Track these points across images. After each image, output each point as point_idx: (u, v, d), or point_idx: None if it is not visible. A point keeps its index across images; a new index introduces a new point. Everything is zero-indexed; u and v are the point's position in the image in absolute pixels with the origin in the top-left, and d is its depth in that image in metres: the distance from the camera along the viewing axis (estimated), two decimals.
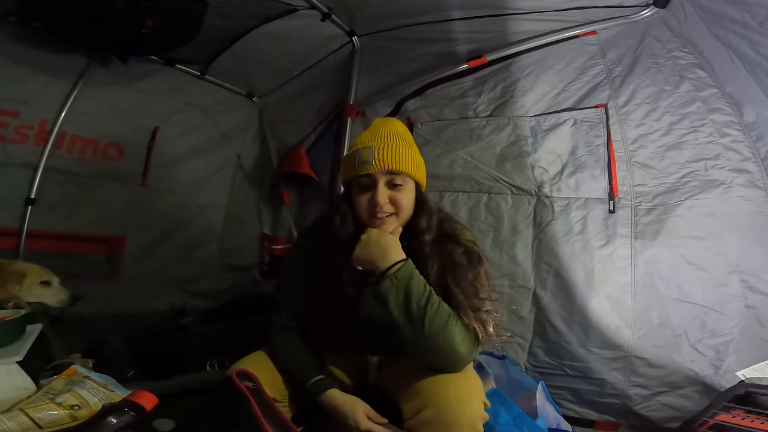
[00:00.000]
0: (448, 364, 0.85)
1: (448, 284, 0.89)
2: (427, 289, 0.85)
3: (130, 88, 2.32)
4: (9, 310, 1.11)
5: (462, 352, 0.83)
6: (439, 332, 0.82)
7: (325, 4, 2.06)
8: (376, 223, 0.93)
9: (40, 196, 2.08)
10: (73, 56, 2.07)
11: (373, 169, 0.91)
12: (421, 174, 0.98)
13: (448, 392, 0.82)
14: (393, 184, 0.93)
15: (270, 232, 2.81)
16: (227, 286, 2.80)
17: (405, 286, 0.83)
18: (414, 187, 0.97)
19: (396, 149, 0.92)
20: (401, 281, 0.83)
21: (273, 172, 2.80)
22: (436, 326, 0.82)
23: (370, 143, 0.93)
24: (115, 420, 0.67)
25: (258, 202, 2.88)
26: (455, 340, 0.83)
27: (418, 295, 0.83)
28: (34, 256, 1.87)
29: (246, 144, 2.92)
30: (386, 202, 0.92)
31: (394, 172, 0.92)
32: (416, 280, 0.84)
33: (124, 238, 2.41)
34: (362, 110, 2.35)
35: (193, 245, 2.71)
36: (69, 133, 2.16)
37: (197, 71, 2.51)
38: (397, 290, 0.83)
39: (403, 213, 0.94)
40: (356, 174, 0.93)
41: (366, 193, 0.94)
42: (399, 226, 0.95)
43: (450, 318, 0.83)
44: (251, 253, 2.84)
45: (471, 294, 0.89)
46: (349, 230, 0.96)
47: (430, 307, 0.82)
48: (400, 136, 0.98)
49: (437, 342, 0.82)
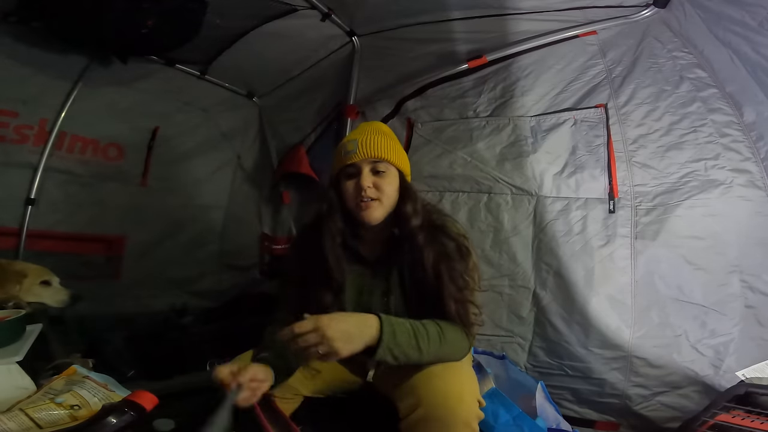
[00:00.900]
0: (449, 361, 0.91)
1: (442, 275, 0.94)
2: (409, 329, 0.86)
3: (130, 88, 2.32)
4: (9, 310, 1.12)
5: (459, 351, 0.92)
6: (437, 350, 0.87)
7: (325, 4, 2.06)
8: (361, 206, 0.97)
9: (40, 196, 2.08)
10: (73, 56, 2.07)
11: (357, 158, 0.98)
12: (404, 163, 1.04)
13: (442, 390, 0.83)
14: (376, 171, 0.99)
15: (270, 232, 2.81)
16: (227, 286, 2.80)
17: (395, 345, 0.83)
18: (397, 174, 1.02)
19: (378, 140, 1.00)
20: (388, 344, 0.82)
21: (273, 172, 2.80)
22: (433, 348, 0.87)
23: (354, 137, 1.01)
24: (115, 420, 0.67)
25: (258, 202, 2.88)
26: (452, 347, 0.90)
27: (407, 339, 0.85)
28: (34, 256, 1.87)
29: (246, 144, 2.92)
30: (370, 185, 0.97)
31: (376, 160, 0.98)
32: (398, 330, 0.84)
33: (124, 238, 2.41)
34: (362, 110, 2.34)
35: (193, 245, 2.71)
36: (69, 133, 2.16)
37: (197, 71, 2.51)
38: (392, 352, 0.83)
39: (386, 198, 0.99)
40: (343, 164, 1.00)
41: (352, 180, 0.99)
42: (384, 212, 0.99)
43: (441, 333, 0.88)
44: (251, 253, 2.84)
45: (462, 286, 0.94)
46: (337, 219, 1.00)
47: (422, 340, 0.86)
48: (382, 132, 1.05)
49: (438, 357, 0.89)
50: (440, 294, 0.92)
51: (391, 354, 0.83)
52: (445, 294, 0.92)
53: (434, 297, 0.94)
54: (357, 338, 0.80)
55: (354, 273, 1.02)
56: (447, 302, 0.92)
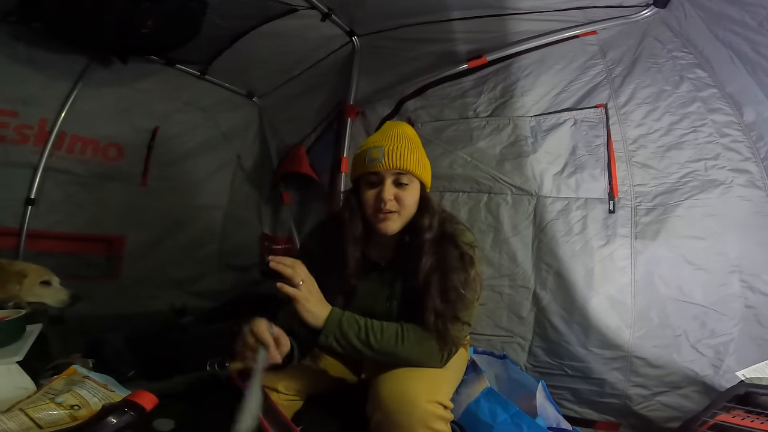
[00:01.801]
0: (418, 367, 0.92)
1: (430, 286, 0.94)
2: (362, 324, 0.92)
3: (130, 88, 2.32)
4: (9, 310, 1.12)
5: (425, 359, 0.92)
6: (393, 350, 0.91)
7: (325, 4, 2.06)
8: (380, 218, 0.96)
9: (40, 196, 2.08)
10: (73, 56, 2.07)
11: (382, 167, 0.95)
12: (427, 175, 1.03)
13: (396, 394, 0.84)
14: (399, 183, 0.97)
15: (270, 232, 2.81)
16: (227, 286, 2.79)
17: (341, 334, 0.90)
18: (419, 186, 1.01)
19: (405, 150, 0.97)
20: (331, 330, 0.90)
21: (273, 172, 2.80)
22: (386, 348, 0.90)
23: (381, 143, 0.98)
24: (115, 420, 0.67)
25: (258, 202, 2.89)
26: (410, 352, 0.91)
27: (356, 331, 0.91)
28: (34, 256, 1.87)
29: (246, 144, 2.92)
30: (392, 198, 0.96)
31: (401, 171, 0.96)
32: (345, 321, 0.91)
33: (124, 238, 2.41)
34: (362, 110, 2.35)
35: (193, 245, 2.71)
36: (69, 133, 2.15)
37: (197, 71, 2.51)
38: (336, 340, 0.90)
39: (405, 211, 0.98)
40: (366, 171, 0.98)
41: (373, 189, 0.98)
42: (401, 223, 0.98)
43: (398, 336, 0.91)
44: (251, 253, 2.84)
45: (452, 298, 0.93)
46: (358, 224, 1.00)
47: (372, 336, 0.90)
48: (409, 139, 1.03)
49: (396, 357, 0.91)
50: (424, 303, 0.93)
51: (336, 342, 0.90)
52: (428, 305, 0.92)
53: (419, 304, 0.94)
54: (311, 303, 0.88)
55: (364, 277, 1.03)
56: (428, 314, 0.92)
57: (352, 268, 0.99)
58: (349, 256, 0.99)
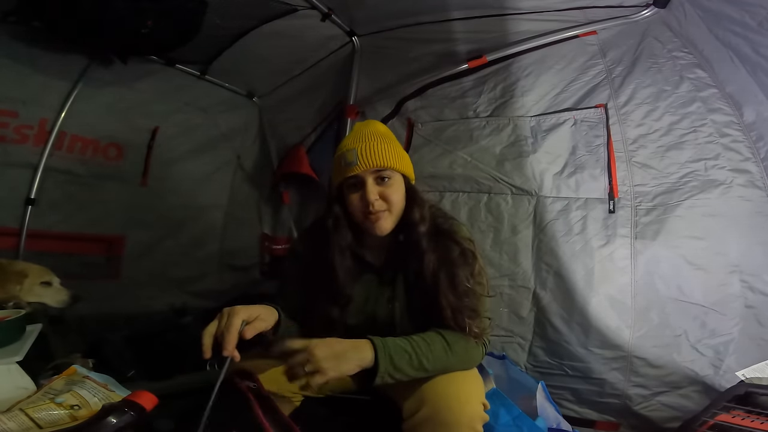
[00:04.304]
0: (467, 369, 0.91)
1: (440, 282, 0.92)
2: (410, 350, 0.84)
3: (130, 88, 2.32)
4: (9, 310, 1.12)
5: (470, 360, 0.91)
6: (445, 364, 0.87)
7: (325, 4, 2.06)
8: (371, 220, 0.94)
9: (40, 196, 2.08)
10: (73, 56, 2.07)
11: (359, 169, 0.93)
12: (407, 167, 1.01)
13: (447, 392, 0.83)
14: (381, 180, 0.95)
15: (270, 232, 2.81)
16: (227, 286, 2.79)
17: (394, 369, 0.82)
18: (402, 180, 0.99)
19: (378, 147, 0.95)
20: (386, 370, 0.81)
21: (273, 172, 2.80)
22: (440, 365, 0.86)
23: (353, 145, 0.96)
24: (115, 420, 0.67)
25: (258, 202, 2.88)
26: (460, 358, 0.88)
27: (408, 361, 0.83)
28: (34, 256, 1.86)
29: (246, 144, 2.92)
30: (377, 198, 0.94)
31: (379, 169, 0.94)
32: (395, 354, 0.82)
33: (123, 238, 2.41)
34: (362, 110, 2.34)
35: (193, 245, 2.71)
36: (69, 133, 2.15)
37: (197, 71, 2.51)
38: (392, 376, 0.82)
39: (395, 207, 0.96)
40: (344, 176, 0.96)
41: (356, 192, 0.96)
42: (393, 221, 0.97)
43: (447, 346, 0.87)
44: (251, 253, 2.83)
45: (462, 294, 0.91)
46: (344, 233, 0.98)
47: (425, 358, 0.84)
48: (381, 135, 1.00)
49: (447, 369, 0.87)
50: (437, 302, 0.91)
51: (391, 378, 0.82)
52: (442, 302, 0.90)
53: (433, 304, 0.92)
54: (346, 360, 0.79)
55: (360, 281, 1.01)
56: (444, 311, 0.90)
57: (344, 279, 0.96)
58: (339, 267, 0.96)
